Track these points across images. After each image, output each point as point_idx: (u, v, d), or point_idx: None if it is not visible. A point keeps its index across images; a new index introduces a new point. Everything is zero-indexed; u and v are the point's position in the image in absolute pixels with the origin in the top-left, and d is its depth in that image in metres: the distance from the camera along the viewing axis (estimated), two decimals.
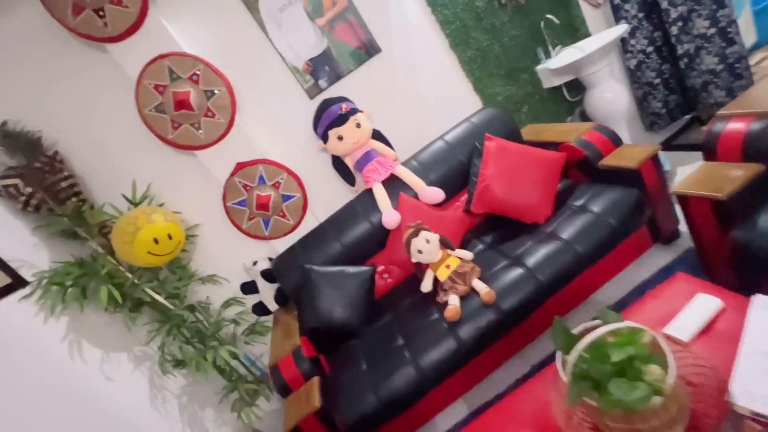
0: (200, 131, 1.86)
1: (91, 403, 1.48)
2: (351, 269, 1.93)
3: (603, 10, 2.46)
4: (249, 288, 2.14)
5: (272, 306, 2.13)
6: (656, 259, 1.71)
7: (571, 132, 1.88)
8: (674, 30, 2.18)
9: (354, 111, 2.02)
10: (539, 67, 2.44)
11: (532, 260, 1.60)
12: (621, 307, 1.59)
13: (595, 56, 2.16)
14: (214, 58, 1.84)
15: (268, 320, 2.21)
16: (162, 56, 1.73)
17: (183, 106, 1.77)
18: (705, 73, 2.17)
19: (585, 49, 2.23)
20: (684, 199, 1.31)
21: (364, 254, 2.05)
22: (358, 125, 2.02)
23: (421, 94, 2.30)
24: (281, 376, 1.64)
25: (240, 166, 1.96)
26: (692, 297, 1.02)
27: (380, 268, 2.06)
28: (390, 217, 1.94)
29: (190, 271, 2.05)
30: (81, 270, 1.67)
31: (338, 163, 2.14)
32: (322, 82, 2.10)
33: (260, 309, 2.15)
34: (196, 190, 2.04)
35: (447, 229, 1.88)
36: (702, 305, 0.96)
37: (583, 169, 1.87)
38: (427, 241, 1.70)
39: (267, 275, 2.10)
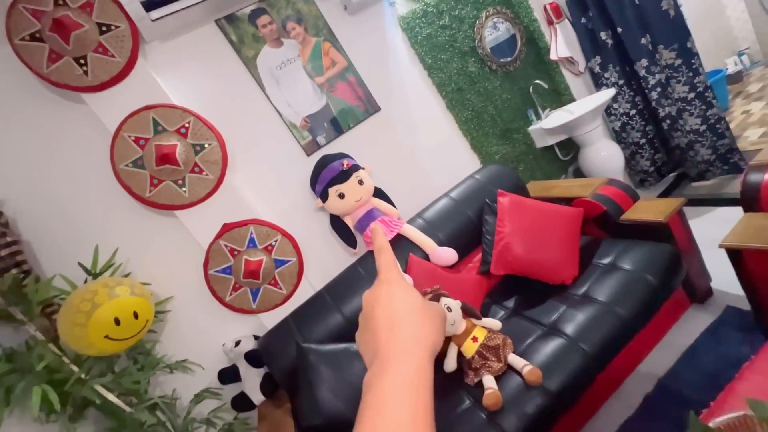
0: (184, 188, 1.63)
1: None
2: (357, 346, 1.62)
3: (584, 77, 2.63)
4: (228, 375, 1.75)
5: (256, 397, 1.73)
6: (697, 321, 1.57)
7: (584, 187, 1.83)
8: (654, 95, 2.31)
9: (356, 167, 1.89)
10: (531, 128, 2.49)
11: (571, 328, 1.41)
12: (677, 379, 1.39)
13: (588, 117, 2.24)
14: (206, 112, 1.69)
15: (250, 416, 1.79)
16: (147, 107, 1.56)
17: (167, 160, 1.56)
18: (690, 133, 2.28)
19: (574, 111, 2.31)
20: (737, 255, 1.21)
21: None
22: (361, 182, 1.88)
23: (420, 152, 2.24)
24: None
25: (227, 228, 1.72)
26: None
27: None
28: None
29: (156, 357, 1.65)
30: (9, 365, 1.28)
31: (337, 224, 1.95)
32: (321, 139, 1.99)
33: (241, 402, 1.74)
34: (170, 256, 1.74)
35: (464, 294, 1.67)
36: None
37: (601, 225, 1.78)
38: (449, 309, 1.48)
39: (252, 358, 1.74)
